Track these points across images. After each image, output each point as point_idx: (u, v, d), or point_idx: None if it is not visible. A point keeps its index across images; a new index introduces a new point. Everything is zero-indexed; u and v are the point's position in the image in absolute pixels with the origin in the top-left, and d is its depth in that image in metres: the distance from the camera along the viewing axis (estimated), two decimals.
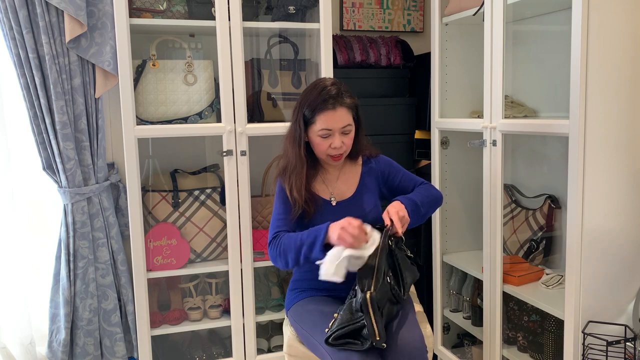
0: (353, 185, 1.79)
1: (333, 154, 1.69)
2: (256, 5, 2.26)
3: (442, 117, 2.33)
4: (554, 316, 1.82)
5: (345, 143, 1.69)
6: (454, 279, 2.44)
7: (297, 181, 1.69)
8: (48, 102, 2.10)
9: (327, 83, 1.68)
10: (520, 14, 2.11)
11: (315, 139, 1.68)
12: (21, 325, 2.25)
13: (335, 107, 1.64)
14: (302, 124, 1.67)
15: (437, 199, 1.79)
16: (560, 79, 1.86)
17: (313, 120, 1.65)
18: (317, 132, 1.66)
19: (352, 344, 1.47)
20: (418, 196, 1.73)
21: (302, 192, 1.68)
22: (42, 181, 2.27)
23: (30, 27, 2.04)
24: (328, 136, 1.66)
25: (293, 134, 1.72)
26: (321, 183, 1.78)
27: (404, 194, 1.80)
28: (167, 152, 2.38)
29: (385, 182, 1.83)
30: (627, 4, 1.57)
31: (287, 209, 1.70)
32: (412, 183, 1.83)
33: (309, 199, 1.70)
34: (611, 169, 1.61)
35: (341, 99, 1.65)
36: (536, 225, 2.13)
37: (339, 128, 1.65)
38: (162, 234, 2.19)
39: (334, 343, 1.49)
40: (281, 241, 1.64)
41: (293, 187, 1.69)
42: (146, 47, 2.18)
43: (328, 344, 1.49)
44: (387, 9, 2.78)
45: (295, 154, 1.70)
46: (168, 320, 2.27)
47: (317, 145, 1.69)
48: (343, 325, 1.48)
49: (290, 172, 1.71)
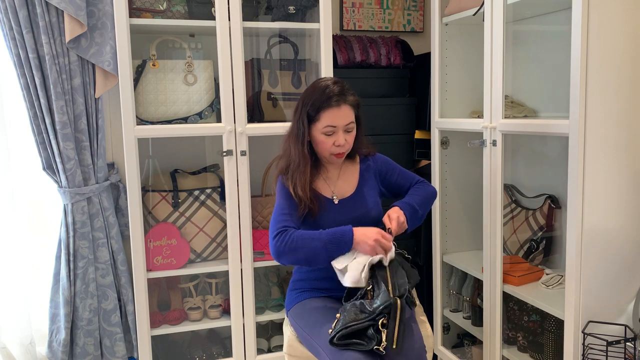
0: (353, 183, 1.80)
1: (336, 151, 1.70)
2: (256, 5, 2.26)
3: (442, 117, 2.33)
4: (554, 316, 1.82)
5: (348, 141, 1.70)
6: (454, 279, 2.44)
7: (301, 179, 1.69)
8: (48, 102, 2.10)
9: (330, 82, 1.70)
10: (520, 14, 2.11)
11: (319, 137, 1.68)
12: (21, 325, 2.25)
13: (340, 104, 1.66)
14: (306, 122, 1.68)
15: (432, 196, 1.83)
16: (560, 79, 1.86)
17: (317, 118, 1.66)
18: (321, 129, 1.67)
19: (357, 344, 1.47)
20: (415, 198, 1.76)
21: (307, 190, 1.68)
22: (42, 181, 2.27)
23: (30, 27, 2.04)
24: (332, 133, 1.67)
25: (296, 133, 1.72)
26: (323, 182, 1.78)
27: (401, 191, 1.84)
28: (167, 152, 2.38)
29: (383, 180, 1.85)
30: (627, 4, 1.57)
31: (291, 204, 1.69)
32: (409, 181, 1.86)
33: (313, 197, 1.70)
34: (611, 169, 1.61)
35: (345, 97, 1.67)
36: (536, 225, 2.13)
37: (342, 125, 1.67)
38: (162, 234, 2.19)
39: (338, 343, 1.48)
40: (292, 237, 1.59)
41: (297, 186, 1.69)
42: (146, 47, 2.18)
43: (332, 344, 1.49)
44: (387, 9, 2.78)
45: (298, 152, 1.71)
46: (168, 320, 2.27)
47: (321, 143, 1.69)
48: (347, 325, 1.47)
49: (294, 170, 1.72)
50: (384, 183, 1.85)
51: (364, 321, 1.46)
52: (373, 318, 1.46)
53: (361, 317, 1.48)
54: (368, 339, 1.47)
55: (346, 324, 1.48)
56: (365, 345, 1.46)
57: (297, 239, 1.59)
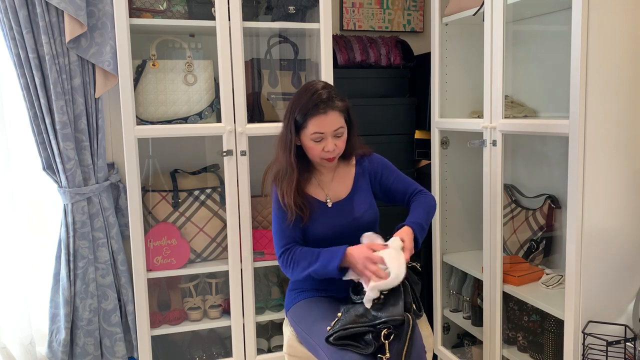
0: (348, 185, 1.80)
1: (326, 157, 1.69)
2: (256, 5, 2.26)
3: (442, 117, 2.33)
4: (554, 316, 1.82)
5: (338, 146, 1.69)
6: (454, 279, 2.44)
7: (287, 187, 1.70)
8: (48, 102, 2.10)
9: (318, 87, 1.67)
10: (520, 14, 2.11)
11: (308, 143, 1.68)
12: (21, 325, 2.25)
13: (327, 111, 1.64)
14: (294, 128, 1.68)
15: (434, 209, 1.79)
16: (560, 79, 1.86)
17: (305, 125, 1.66)
18: (309, 136, 1.66)
19: (353, 346, 1.47)
20: (421, 215, 1.71)
21: (292, 198, 1.69)
22: (42, 181, 2.27)
23: (30, 27, 2.04)
24: (320, 140, 1.66)
25: (284, 140, 1.72)
26: (316, 185, 1.78)
27: (396, 197, 1.81)
28: (167, 152, 2.38)
29: (379, 182, 1.82)
30: (627, 4, 1.57)
31: (285, 216, 1.71)
32: (405, 187, 1.81)
33: (302, 203, 1.70)
34: (611, 169, 1.61)
35: (332, 103, 1.65)
36: (536, 225, 2.13)
37: (331, 131, 1.66)
38: (162, 234, 2.19)
39: (335, 343, 1.49)
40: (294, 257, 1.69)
41: (284, 193, 1.70)
42: (146, 47, 2.18)
43: (328, 342, 1.49)
44: (387, 9, 2.78)
45: (285, 160, 1.71)
46: (168, 320, 2.27)
47: (310, 149, 1.69)
48: (346, 327, 1.48)
49: (282, 177, 1.72)
50: (379, 185, 1.82)
51: (364, 325, 1.47)
52: (374, 325, 1.46)
53: (361, 321, 1.48)
54: (365, 343, 1.47)
55: (345, 326, 1.48)
56: (361, 349, 1.46)
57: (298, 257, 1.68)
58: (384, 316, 1.45)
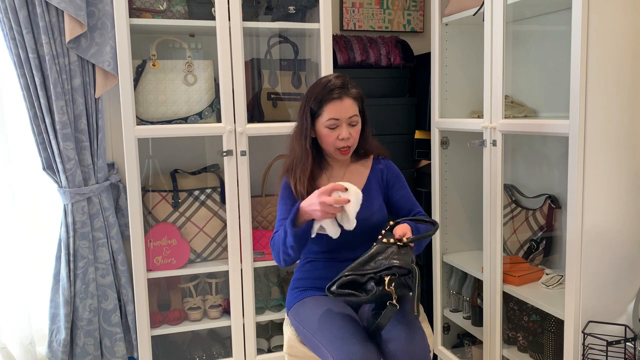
0: (359, 184, 1.78)
1: (341, 145, 1.70)
2: (256, 5, 2.26)
3: (442, 117, 2.33)
4: (554, 316, 1.82)
5: (353, 135, 1.70)
6: (454, 279, 2.44)
7: (302, 174, 1.71)
8: (48, 102, 2.10)
9: (332, 77, 1.72)
10: (520, 14, 2.11)
11: (323, 131, 1.69)
12: (21, 325, 2.25)
13: (342, 97, 1.67)
14: (309, 117, 1.70)
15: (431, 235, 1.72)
16: (560, 79, 1.86)
17: (320, 112, 1.68)
18: (324, 123, 1.68)
19: (354, 295, 1.46)
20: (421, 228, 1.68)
21: (306, 184, 1.69)
22: (42, 181, 2.27)
23: (30, 27, 2.04)
24: (336, 127, 1.68)
25: (300, 129, 1.74)
26: (326, 180, 1.78)
27: (400, 211, 1.80)
28: (167, 152, 2.39)
29: (387, 191, 1.82)
30: (627, 4, 1.57)
31: (290, 208, 1.70)
32: (410, 206, 1.80)
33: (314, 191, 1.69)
34: (611, 169, 1.61)
35: (347, 90, 1.68)
36: (536, 225, 2.13)
37: (346, 118, 1.68)
38: (162, 234, 2.19)
39: (336, 292, 1.47)
40: (274, 241, 1.69)
41: (298, 180, 1.70)
42: (146, 47, 2.18)
43: (330, 292, 1.48)
44: (387, 9, 2.78)
45: (301, 147, 1.73)
46: (168, 320, 2.27)
47: (325, 137, 1.70)
48: (348, 274, 1.47)
49: (296, 166, 1.73)
50: (387, 195, 1.81)
51: (367, 273, 1.46)
52: (379, 271, 1.45)
53: (367, 268, 1.48)
54: (366, 291, 1.46)
55: (348, 271, 1.47)
56: (359, 297, 1.45)
57: (276, 238, 1.67)
58: (389, 264, 1.45)
